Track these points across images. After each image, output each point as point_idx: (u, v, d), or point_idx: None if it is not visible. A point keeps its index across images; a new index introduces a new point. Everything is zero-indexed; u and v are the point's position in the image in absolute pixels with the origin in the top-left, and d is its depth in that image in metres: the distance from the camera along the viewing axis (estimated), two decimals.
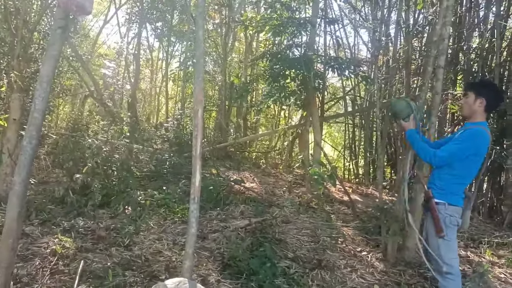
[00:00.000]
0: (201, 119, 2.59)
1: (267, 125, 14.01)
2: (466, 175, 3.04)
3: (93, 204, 5.10)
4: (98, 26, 16.05)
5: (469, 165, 2.98)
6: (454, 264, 2.99)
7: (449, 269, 2.97)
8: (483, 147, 2.98)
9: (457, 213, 3.00)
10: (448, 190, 3.01)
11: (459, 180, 3.02)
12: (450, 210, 2.97)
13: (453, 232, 3.00)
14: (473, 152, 2.93)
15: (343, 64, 6.63)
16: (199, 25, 2.55)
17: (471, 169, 3.02)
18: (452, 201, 2.99)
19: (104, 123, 9.50)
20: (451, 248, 3.01)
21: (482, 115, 3.03)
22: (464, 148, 2.94)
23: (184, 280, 2.34)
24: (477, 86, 3.16)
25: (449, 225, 2.96)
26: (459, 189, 3.03)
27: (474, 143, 2.93)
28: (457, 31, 7.00)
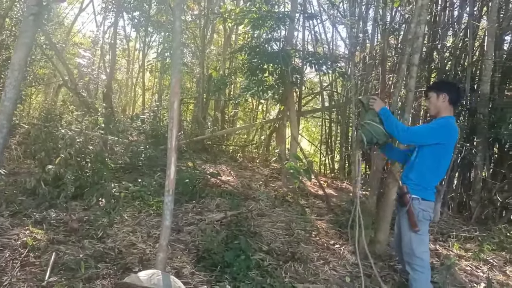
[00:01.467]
0: (177, 111, 2.58)
1: (245, 119, 14.01)
2: (437, 168, 3.09)
3: (65, 195, 5.00)
4: (73, 14, 15.73)
5: (439, 157, 3.04)
6: (425, 258, 3.07)
7: (420, 262, 3.05)
8: (451, 138, 3.05)
9: (430, 207, 3.08)
10: (423, 185, 3.07)
11: (432, 174, 3.08)
12: (423, 205, 3.04)
13: (425, 227, 3.08)
14: (442, 141, 3.00)
15: (320, 60, 6.68)
16: (177, 15, 2.53)
17: (442, 161, 3.08)
18: (425, 196, 3.06)
19: (78, 113, 9.32)
20: (423, 242, 3.09)
21: (448, 109, 3.12)
22: (435, 130, 3.03)
23: (157, 272, 2.35)
24: (436, 85, 3.31)
25: (422, 220, 3.03)
26: (432, 184, 3.11)
27: (444, 130, 3.01)
28: (432, 29, 7.14)
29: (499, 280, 4.02)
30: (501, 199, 5.97)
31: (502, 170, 6.17)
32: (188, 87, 14.99)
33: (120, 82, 17.61)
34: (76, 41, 16.20)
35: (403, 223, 3.13)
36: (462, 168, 6.55)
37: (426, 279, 3.07)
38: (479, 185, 6.06)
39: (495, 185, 6.02)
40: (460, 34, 6.88)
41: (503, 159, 6.27)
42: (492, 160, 6.44)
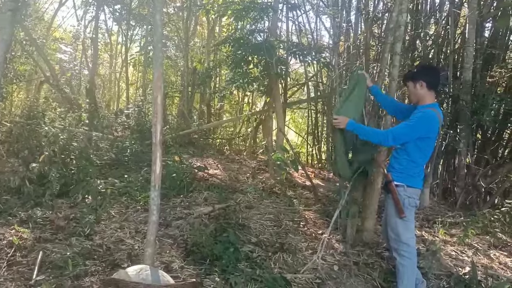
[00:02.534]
0: (160, 106, 2.56)
1: (231, 112, 13.96)
2: (420, 158, 3.14)
3: (51, 193, 4.94)
4: (53, 9, 15.36)
5: (422, 147, 3.09)
6: (411, 244, 3.12)
7: (406, 248, 3.10)
8: (433, 130, 3.08)
9: (415, 194, 3.12)
10: (407, 173, 3.11)
11: (415, 163, 3.12)
12: (409, 192, 3.09)
13: (411, 213, 3.13)
14: (424, 135, 3.04)
15: (304, 50, 6.68)
16: (157, 8, 2.50)
17: (425, 152, 3.13)
18: (410, 183, 3.10)
19: (61, 110, 9.19)
20: (409, 228, 3.14)
21: (429, 96, 3.15)
22: (415, 127, 3.04)
23: (145, 267, 2.34)
24: (412, 74, 3.28)
25: (407, 207, 3.07)
26: (417, 171, 3.14)
27: (424, 125, 3.04)
28: (414, 18, 7.18)
29: (483, 264, 4.11)
30: (485, 184, 6.08)
31: (485, 156, 6.27)
32: (173, 80, 14.86)
33: (103, 77, 17.37)
34: (57, 36, 15.91)
35: (390, 210, 3.18)
36: (446, 155, 6.64)
37: (412, 264, 3.13)
38: (463, 171, 6.15)
39: (479, 171, 6.12)
40: (442, 22, 6.94)
41: (486, 145, 6.37)
42: (475, 146, 6.54)
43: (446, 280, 3.64)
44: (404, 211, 3.04)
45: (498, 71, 5.95)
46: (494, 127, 6.40)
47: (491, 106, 5.83)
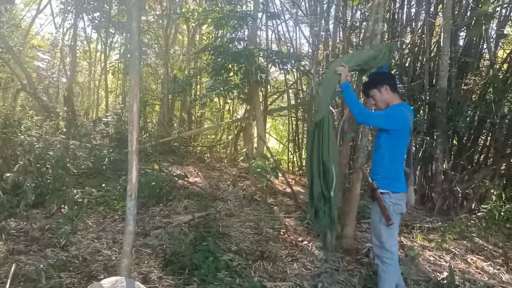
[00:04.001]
0: (136, 113, 2.53)
1: (212, 119, 13.93)
2: (396, 156, 3.11)
3: (25, 204, 4.83)
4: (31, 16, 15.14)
5: (394, 144, 3.08)
6: (394, 251, 3.12)
7: (390, 255, 3.09)
8: (403, 123, 3.07)
9: (400, 199, 3.10)
10: (389, 178, 3.09)
11: (392, 163, 3.09)
12: (394, 198, 3.06)
13: (396, 220, 3.11)
14: (394, 127, 3.05)
15: (284, 58, 6.73)
16: (133, 16, 2.48)
17: (398, 148, 3.12)
18: (395, 188, 3.08)
19: (38, 118, 9.03)
20: (393, 235, 3.12)
21: (395, 98, 3.19)
22: (388, 116, 3.09)
23: (121, 279, 2.30)
24: (373, 81, 3.32)
25: (393, 213, 3.05)
26: (398, 174, 3.12)
27: (395, 117, 3.06)
28: (390, 27, 7.31)
29: (461, 268, 4.17)
30: (461, 189, 6.18)
31: (461, 161, 6.39)
32: (153, 88, 14.78)
33: (82, 84, 17.16)
34: (35, 44, 15.67)
35: (375, 217, 3.16)
36: (424, 161, 6.74)
37: (394, 270, 3.13)
38: (440, 177, 6.25)
39: (455, 177, 6.22)
40: (418, 31, 7.08)
41: (461, 151, 6.49)
42: (451, 153, 6.66)
43: (424, 285, 3.68)
44: (391, 218, 3.03)
45: (472, 78, 6.09)
46: (470, 134, 6.54)
47: (466, 113, 5.96)
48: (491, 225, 5.19)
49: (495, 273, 4.17)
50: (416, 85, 6.41)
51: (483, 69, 6.83)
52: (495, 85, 5.73)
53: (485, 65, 6.97)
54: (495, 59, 6.61)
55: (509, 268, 4.30)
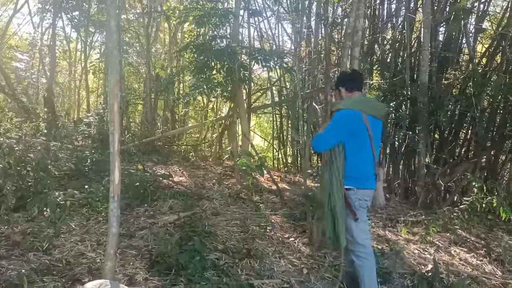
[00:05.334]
0: (117, 113, 2.49)
1: (196, 118, 13.85)
2: (360, 156, 3.13)
3: (6, 207, 4.72)
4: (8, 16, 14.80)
5: (356, 146, 3.12)
6: (366, 244, 3.15)
7: (363, 249, 3.13)
8: (353, 126, 3.11)
9: (366, 196, 3.15)
10: (353, 176, 3.12)
11: (356, 163, 3.12)
12: (359, 194, 3.11)
13: (363, 214, 3.16)
14: (346, 131, 3.10)
15: (266, 56, 6.71)
16: (111, 14, 2.43)
17: (362, 149, 3.14)
18: (359, 185, 3.12)
19: (17, 120, 8.85)
20: (363, 229, 3.17)
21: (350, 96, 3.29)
22: (332, 129, 3.14)
23: (105, 282, 2.26)
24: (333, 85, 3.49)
25: (359, 208, 3.11)
26: (364, 171, 3.15)
27: (340, 124, 3.11)
28: (372, 23, 7.37)
29: (445, 261, 4.22)
30: (444, 183, 6.28)
31: (443, 155, 6.49)
32: (135, 87, 14.62)
33: (62, 85, 16.87)
34: (12, 44, 15.33)
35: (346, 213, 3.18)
36: (406, 155, 6.83)
37: (370, 264, 3.16)
38: (423, 171, 6.34)
39: (438, 170, 6.32)
40: (399, 27, 7.16)
41: (443, 145, 6.59)
42: (433, 147, 6.76)
43: (410, 278, 3.71)
44: (356, 213, 3.09)
45: (452, 73, 6.19)
46: (451, 128, 6.65)
47: (447, 107, 6.06)
48: (473, 217, 5.29)
49: (478, 264, 4.25)
50: (397, 81, 6.49)
51: (463, 64, 6.95)
52: (475, 79, 5.83)
53: (464, 59, 7.09)
54: (474, 53, 6.73)
55: (491, 259, 4.38)
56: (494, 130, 6.44)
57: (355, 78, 3.39)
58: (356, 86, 3.30)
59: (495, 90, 6.09)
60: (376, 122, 3.18)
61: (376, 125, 3.19)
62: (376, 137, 3.17)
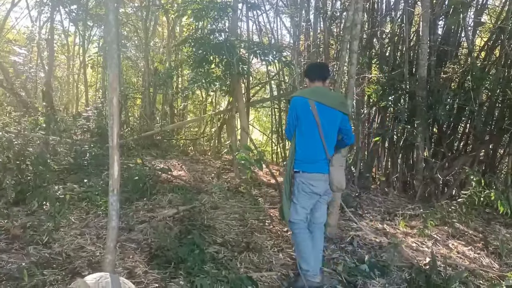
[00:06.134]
0: (116, 107, 2.49)
1: (195, 112, 13.83)
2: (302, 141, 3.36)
3: (6, 201, 4.74)
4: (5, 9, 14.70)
5: (299, 129, 3.37)
6: (296, 222, 3.40)
7: (292, 225, 3.45)
8: (295, 111, 3.36)
9: (311, 179, 3.31)
10: (300, 159, 3.35)
11: (300, 147, 3.35)
12: (303, 177, 3.31)
13: (303, 198, 3.35)
14: (293, 116, 3.38)
15: (265, 50, 6.70)
16: (110, 8, 2.43)
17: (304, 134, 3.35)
18: (304, 168, 3.32)
19: (16, 114, 8.84)
20: (298, 211, 3.38)
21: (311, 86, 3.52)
22: (288, 115, 3.52)
23: (105, 274, 2.27)
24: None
25: (301, 191, 3.32)
26: (309, 156, 3.33)
27: (290, 110, 3.45)
28: (371, 17, 7.35)
29: (442, 254, 4.25)
30: (442, 176, 6.30)
31: (441, 149, 6.50)
32: (134, 81, 14.59)
33: (60, 79, 16.82)
34: (10, 38, 15.25)
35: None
36: (405, 149, 6.84)
37: (299, 239, 3.40)
38: (421, 165, 6.35)
39: (436, 164, 6.33)
40: (397, 20, 7.13)
41: (441, 139, 6.60)
42: (432, 140, 6.77)
43: (407, 271, 3.74)
44: (296, 195, 3.35)
45: (451, 67, 6.18)
46: (449, 121, 6.65)
47: (446, 101, 6.06)
48: (471, 211, 5.32)
49: (475, 257, 4.28)
50: (396, 74, 6.48)
51: (462, 58, 6.94)
52: (473, 73, 5.83)
53: (463, 53, 7.07)
54: (473, 47, 6.71)
55: (489, 252, 4.42)
56: (492, 124, 6.45)
57: (316, 69, 3.60)
58: (316, 77, 3.49)
59: (493, 84, 6.09)
60: (327, 110, 3.30)
61: (328, 113, 3.31)
62: (328, 124, 3.31)
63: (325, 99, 3.33)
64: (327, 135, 3.31)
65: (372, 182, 7.33)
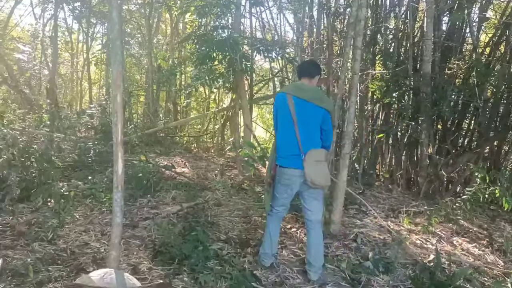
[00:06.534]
0: (120, 104, 2.49)
1: (198, 109, 13.85)
2: (279, 137, 3.48)
3: (11, 198, 4.75)
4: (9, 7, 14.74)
5: (277, 124, 3.51)
6: (279, 209, 3.58)
7: (269, 211, 3.63)
8: (276, 104, 3.51)
9: (286, 174, 3.38)
10: (278, 154, 3.47)
11: (279, 142, 3.46)
12: (279, 171, 3.43)
13: (280, 189, 3.46)
14: (274, 112, 3.54)
15: (268, 46, 6.69)
16: (113, 5, 2.43)
17: (279, 128, 3.48)
18: (281, 163, 3.41)
19: (20, 111, 8.88)
20: (275, 200, 3.56)
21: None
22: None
23: (110, 270, 2.29)
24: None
25: (277, 183, 3.46)
26: (284, 151, 3.42)
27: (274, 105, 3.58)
28: (374, 13, 7.31)
29: (447, 251, 4.25)
30: (446, 173, 6.28)
31: (446, 146, 6.47)
32: (137, 78, 14.61)
33: (64, 76, 16.87)
34: (14, 36, 15.30)
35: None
36: (409, 146, 6.81)
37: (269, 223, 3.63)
38: (426, 162, 6.33)
39: (440, 161, 6.31)
40: (402, 16, 7.09)
41: (446, 135, 6.57)
42: (436, 137, 6.74)
43: (412, 268, 3.73)
44: (275, 186, 3.50)
45: (455, 63, 6.14)
46: (454, 118, 6.61)
47: (450, 97, 6.02)
48: (476, 208, 5.29)
49: (480, 254, 4.26)
50: (400, 71, 6.44)
51: (466, 53, 6.89)
52: (478, 69, 5.78)
53: (468, 49, 7.03)
54: (478, 43, 6.67)
55: (493, 249, 4.40)
56: (497, 120, 6.41)
57: (303, 66, 3.73)
58: (301, 74, 3.56)
59: (498, 80, 6.05)
60: (306, 104, 3.31)
61: (307, 108, 3.32)
62: (306, 119, 3.32)
63: (304, 93, 3.34)
64: (304, 131, 3.32)
65: (376, 179, 7.32)
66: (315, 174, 3.27)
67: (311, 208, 3.49)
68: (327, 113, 3.37)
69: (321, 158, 3.34)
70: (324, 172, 3.34)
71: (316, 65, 3.73)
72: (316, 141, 3.38)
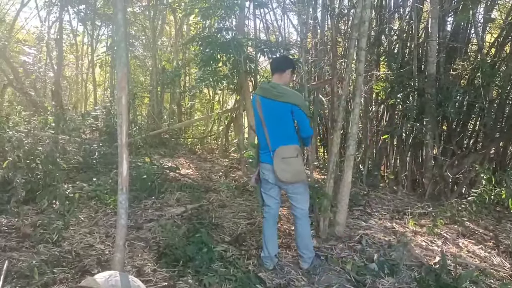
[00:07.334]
0: (125, 106, 2.50)
1: (202, 110, 13.87)
2: (257, 133, 3.68)
3: (16, 200, 4.79)
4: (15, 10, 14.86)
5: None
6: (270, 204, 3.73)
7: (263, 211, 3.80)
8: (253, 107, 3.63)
9: (262, 168, 3.62)
10: (259, 151, 3.65)
11: (258, 140, 3.67)
12: (260, 167, 3.66)
13: (263, 184, 3.70)
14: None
15: (272, 47, 6.68)
16: (119, 7, 2.43)
17: (256, 127, 3.63)
18: (260, 159, 3.64)
19: (26, 113, 8.93)
20: (265, 196, 3.74)
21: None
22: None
23: (115, 273, 2.28)
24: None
25: (261, 178, 3.67)
26: (260, 148, 3.62)
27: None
28: (379, 14, 7.30)
29: (452, 253, 4.21)
30: (452, 174, 6.24)
31: (451, 147, 6.44)
32: (142, 80, 14.66)
33: (69, 78, 16.96)
34: (20, 38, 15.41)
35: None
36: (414, 147, 6.78)
37: (264, 225, 3.76)
38: (431, 163, 6.30)
39: (445, 162, 6.28)
40: (406, 17, 7.07)
41: (451, 136, 6.54)
42: (441, 138, 6.71)
43: (417, 270, 3.71)
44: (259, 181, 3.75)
45: (460, 64, 6.12)
46: (459, 119, 6.58)
47: (455, 98, 5.99)
48: (482, 209, 5.25)
49: (486, 256, 4.23)
50: (404, 72, 6.42)
51: (471, 54, 6.86)
52: (483, 69, 5.75)
53: (473, 50, 7.00)
54: (483, 43, 6.64)
55: (500, 251, 4.37)
56: (502, 121, 6.38)
57: (271, 64, 3.76)
58: (273, 71, 3.64)
59: (504, 80, 6.02)
60: (270, 103, 3.41)
61: (271, 106, 3.41)
62: (272, 117, 3.44)
63: (269, 92, 3.44)
64: (271, 129, 3.45)
65: (381, 180, 7.29)
66: (280, 170, 3.39)
67: (294, 202, 3.65)
68: (295, 107, 3.40)
69: (290, 154, 3.41)
70: (293, 168, 3.42)
71: (286, 59, 3.89)
72: (286, 137, 3.45)
